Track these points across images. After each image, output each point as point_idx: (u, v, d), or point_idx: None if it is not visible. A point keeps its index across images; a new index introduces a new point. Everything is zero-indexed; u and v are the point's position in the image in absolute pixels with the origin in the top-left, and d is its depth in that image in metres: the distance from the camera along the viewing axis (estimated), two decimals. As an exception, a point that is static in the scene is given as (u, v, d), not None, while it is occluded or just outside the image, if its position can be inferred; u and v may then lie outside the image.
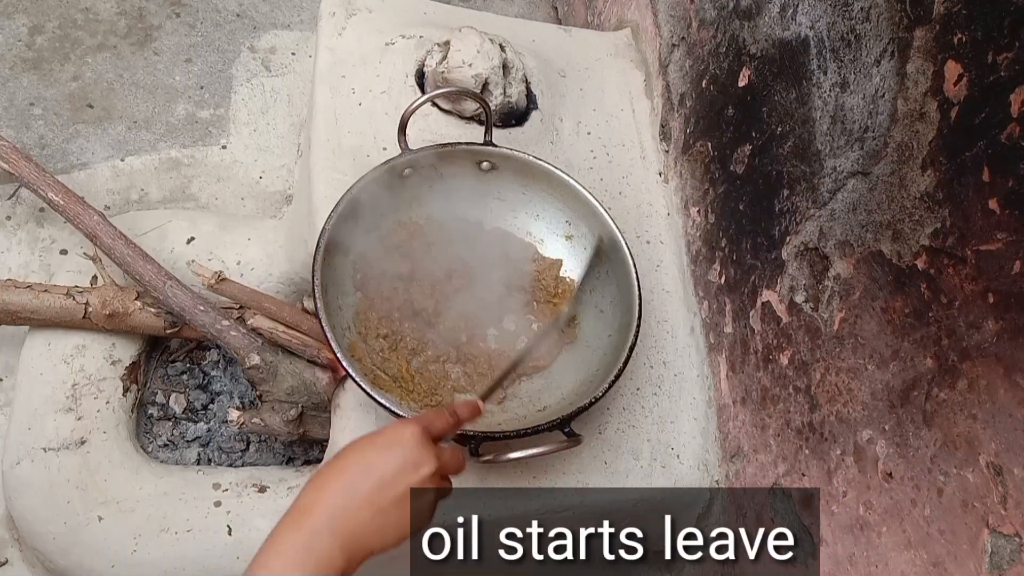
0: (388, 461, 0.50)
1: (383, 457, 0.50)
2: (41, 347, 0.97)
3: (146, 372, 1.06)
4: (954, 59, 0.59)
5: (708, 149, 0.99)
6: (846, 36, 0.71)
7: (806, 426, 0.78)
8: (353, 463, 0.50)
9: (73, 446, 0.92)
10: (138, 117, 1.29)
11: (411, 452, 0.50)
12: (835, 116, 0.73)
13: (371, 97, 1.02)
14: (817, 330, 0.76)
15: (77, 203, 0.97)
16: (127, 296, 0.96)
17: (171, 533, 0.90)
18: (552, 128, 1.08)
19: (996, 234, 0.55)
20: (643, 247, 1.04)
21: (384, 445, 0.51)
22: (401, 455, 0.50)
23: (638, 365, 0.95)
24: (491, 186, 0.95)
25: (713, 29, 0.98)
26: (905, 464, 0.64)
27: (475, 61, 0.97)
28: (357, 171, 0.86)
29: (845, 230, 0.72)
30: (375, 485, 0.49)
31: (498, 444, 0.77)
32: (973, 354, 0.57)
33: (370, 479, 0.49)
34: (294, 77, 1.39)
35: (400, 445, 0.51)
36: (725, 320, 0.94)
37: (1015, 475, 0.53)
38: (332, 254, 0.82)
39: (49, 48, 1.31)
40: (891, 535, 0.65)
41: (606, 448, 0.90)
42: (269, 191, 1.27)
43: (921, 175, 0.62)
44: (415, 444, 0.51)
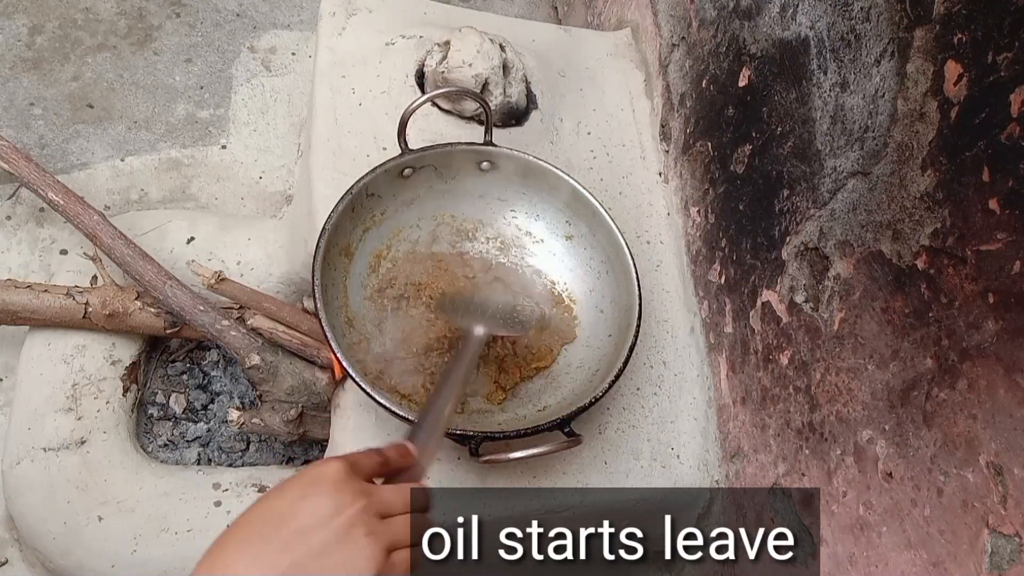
0: (304, 506, 0.42)
1: (297, 503, 0.43)
2: (41, 347, 0.97)
3: (146, 372, 1.06)
4: (954, 59, 0.59)
5: (708, 149, 0.99)
6: (846, 36, 0.71)
7: (806, 426, 0.78)
8: (258, 518, 0.42)
9: (73, 446, 0.92)
10: (138, 117, 1.29)
11: (332, 490, 0.43)
12: (835, 116, 0.73)
13: (371, 97, 1.02)
14: (817, 330, 0.76)
15: (77, 203, 0.97)
16: (127, 296, 0.96)
17: (171, 533, 0.90)
18: (552, 128, 1.08)
19: (996, 234, 0.55)
20: (643, 247, 1.04)
21: (298, 488, 0.44)
22: (321, 494, 0.43)
23: (638, 365, 0.95)
24: (491, 186, 0.95)
25: (713, 29, 0.98)
26: (905, 464, 0.64)
27: (475, 61, 0.97)
28: (357, 171, 0.86)
29: (845, 230, 0.72)
30: (290, 535, 0.41)
31: (498, 444, 0.77)
32: (973, 354, 0.57)
33: (282, 531, 0.41)
34: (294, 77, 1.39)
35: (317, 485, 0.44)
36: (725, 320, 0.94)
37: (1015, 475, 0.53)
38: (332, 254, 0.82)
39: (49, 48, 1.31)
40: (891, 535, 0.65)
41: (606, 448, 0.90)
42: (269, 191, 1.27)
43: (921, 175, 0.62)
44: (336, 481, 0.44)
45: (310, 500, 0.43)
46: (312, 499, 0.43)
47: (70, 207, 0.97)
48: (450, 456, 0.84)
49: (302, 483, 0.44)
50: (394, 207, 0.91)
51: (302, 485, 0.44)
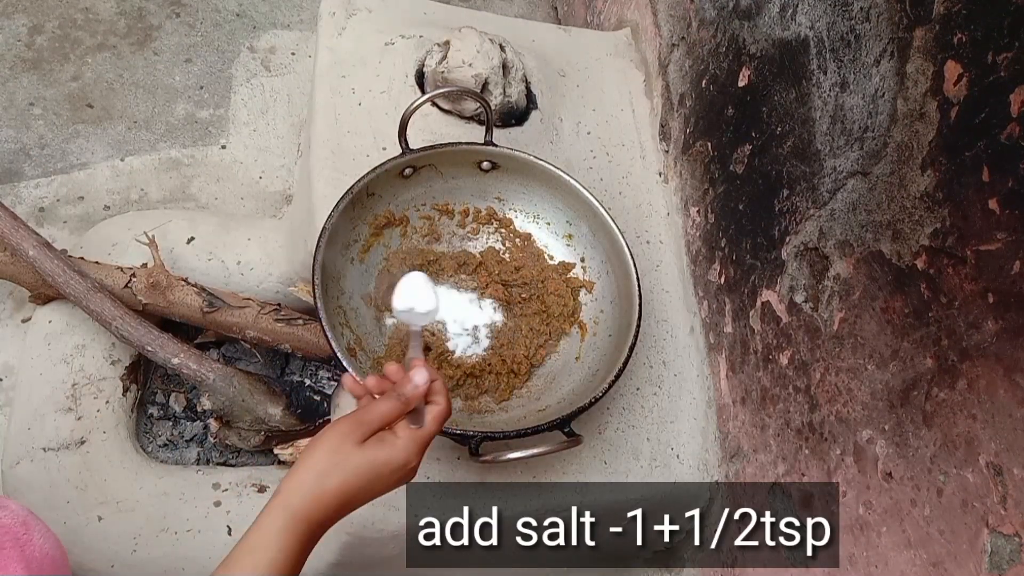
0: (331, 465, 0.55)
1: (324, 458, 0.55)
2: (41, 347, 0.97)
3: (146, 372, 1.06)
4: (954, 59, 0.59)
5: (708, 149, 0.99)
6: (846, 36, 0.71)
7: (806, 426, 0.78)
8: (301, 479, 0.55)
9: (73, 446, 0.92)
10: (138, 117, 1.29)
11: (330, 454, 0.55)
12: (835, 116, 0.73)
13: (371, 97, 1.02)
14: (817, 330, 0.76)
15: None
16: (172, 276, 0.97)
17: (171, 533, 0.90)
18: (552, 128, 1.08)
19: (996, 234, 0.55)
20: (643, 247, 1.04)
21: (320, 452, 0.55)
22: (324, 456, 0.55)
23: (638, 365, 0.95)
24: (491, 186, 0.95)
25: (713, 29, 0.98)
26: (905, 464, 0.64)
27: (475, 61, 0.97)
28: (357, 171, 0.86)
29: (845, 230, 0.72)
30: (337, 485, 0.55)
31: (498, 444, 0.77)
32: (973, 354, 0.57)
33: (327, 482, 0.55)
34: (294, 77, 1.39)
35: (321, 446, 0.55)
36: (725, 320, 0.94)
37: (1015, 475, 0.53)
38: (332, 254, 0.82)
39: (49, 48, 1.31)
40: (891, 535, 0.65)
41: (606, 448, 0.90)
42: (269, 191, 1.27)
43: (921, 175, 0.62)
44: (336, 441, 0.55)
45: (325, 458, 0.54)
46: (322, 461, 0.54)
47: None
48: (450, 456, 0.84)
49: (323, 448, 0.55)
50: (394, 207, 0.91)
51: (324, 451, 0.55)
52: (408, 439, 0.57)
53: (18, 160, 1.21)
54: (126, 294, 0.94)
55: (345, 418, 0.56)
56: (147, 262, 0.98)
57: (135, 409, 1.02)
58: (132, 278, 0.94)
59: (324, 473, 0.53)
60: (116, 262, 0.98)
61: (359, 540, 0.81)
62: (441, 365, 0.86)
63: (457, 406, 0.84)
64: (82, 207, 1.19)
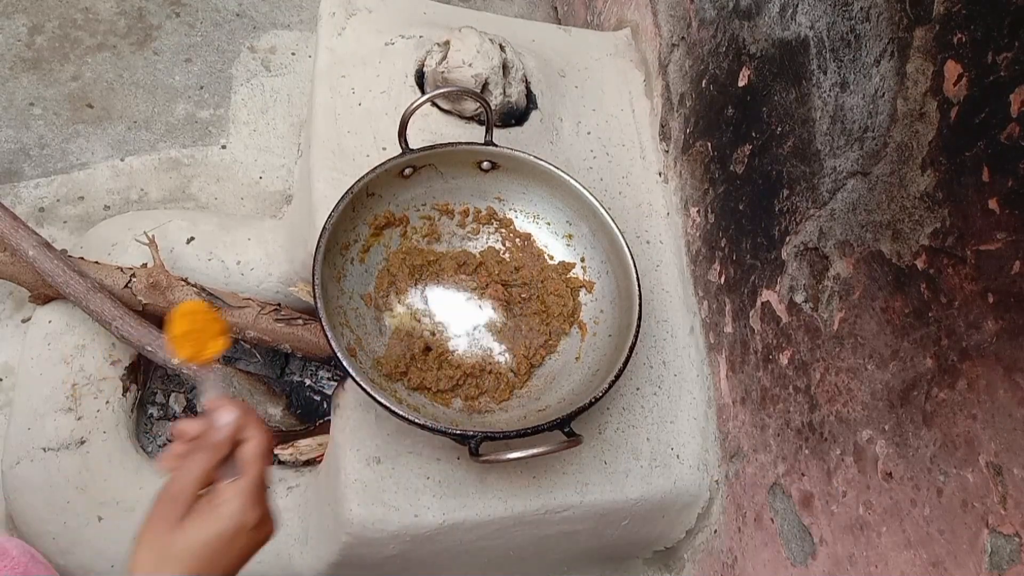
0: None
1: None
2: (41, 347, 0.97)
3: (146, 372, 1.06)
4: (954, 59, 0.59)
5: (708, 149, 0.99)
6: (846, 36, 0.71)
7: (806, 426, 0.78)
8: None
9: (73, 446, 0.92)
10: (138, 117, 1.29)
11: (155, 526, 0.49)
12: (835, 116, 0.73)
13: (371, 97, 1.02)
14: (817, 330, 0.76)
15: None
16: (172, 276, 0.96)
17: (171, 533, 0.90)
18: (552, 128, 1.08)
19: (996, 234, 0.55)
20: (643, 247, 1.04)
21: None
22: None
23: (638, 365, 0.95)
24: (491, 186, 0.95)
25: (713, 29, 0.98)
26: (905, 464, 0.64)
27: (475, 61, 0.97)
28: (357, 171, 0.86)
29: (845, 230, 0.72)
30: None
31: (498, 444, 0.77)
32: (973, 354, 0.57)
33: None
34: (294, 77, 1.39)
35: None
36: (725, 320, 0.94)
37: (1015, 475, 0.53)
38: (332, 254, 0.82)
39: (49, 48, 1.31)
40: (891, 535, 0.65)
41: (606, 448, 0.90)
42: (269, 191, 1.27)
43: (921, 175, 0.62)
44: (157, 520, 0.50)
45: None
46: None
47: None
48: (450, 456, 0.84)
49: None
50: (394, 207, 0.91)
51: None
52: (232, 497, 0.49)
53: (18, 160, 1.21)
54: (126, 294, 0.93)
55: (157, 497, 0.49)
56: (147, 262, 0.98)
57: (135, 409, 1.02)
58: (132, 278, 0.94)
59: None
60: (116, 262, 0.98)
61: (359, 540, 0.81)
62: (441, 365, 0.86)
63: (457, 406, 0.84)
64: (82, 207, 1.19)
